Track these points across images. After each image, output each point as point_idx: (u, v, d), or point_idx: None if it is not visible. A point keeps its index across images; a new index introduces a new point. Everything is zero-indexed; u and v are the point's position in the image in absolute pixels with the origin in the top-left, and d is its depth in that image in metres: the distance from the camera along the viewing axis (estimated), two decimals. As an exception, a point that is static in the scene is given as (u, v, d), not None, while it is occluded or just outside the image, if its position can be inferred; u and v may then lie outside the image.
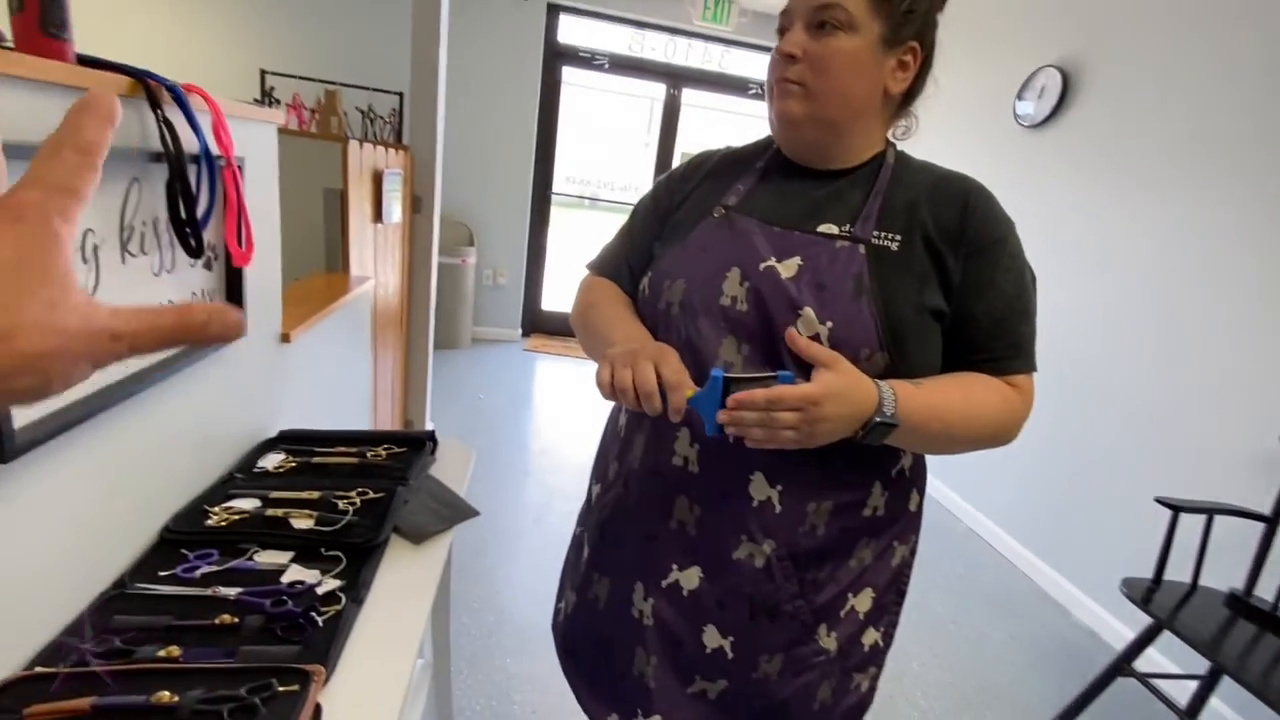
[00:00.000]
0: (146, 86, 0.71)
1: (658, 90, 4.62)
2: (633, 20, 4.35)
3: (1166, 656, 1.92)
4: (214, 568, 0.77)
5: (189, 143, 0.77)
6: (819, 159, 0.74)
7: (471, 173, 4.30)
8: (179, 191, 0.74)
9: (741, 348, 0.68)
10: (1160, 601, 1.57)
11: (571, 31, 4.39)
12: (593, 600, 0.82)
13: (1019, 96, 2.74)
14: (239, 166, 0.86)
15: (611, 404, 0.86)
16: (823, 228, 0.69)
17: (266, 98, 3.72)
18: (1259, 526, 1.63)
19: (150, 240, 0.75)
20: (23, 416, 0.57)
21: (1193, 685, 1.75)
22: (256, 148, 0.97)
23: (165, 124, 0.72)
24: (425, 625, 0.75)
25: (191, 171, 0.77)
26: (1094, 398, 2.31)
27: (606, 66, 4.48)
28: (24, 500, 0.59)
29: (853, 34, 0.66)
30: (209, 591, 0.73)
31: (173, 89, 0.74)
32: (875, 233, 0.68)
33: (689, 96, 4.62)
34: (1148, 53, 2.23)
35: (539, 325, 4.91)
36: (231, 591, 0.73)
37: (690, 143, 4.74)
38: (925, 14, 0.69)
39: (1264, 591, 1.62)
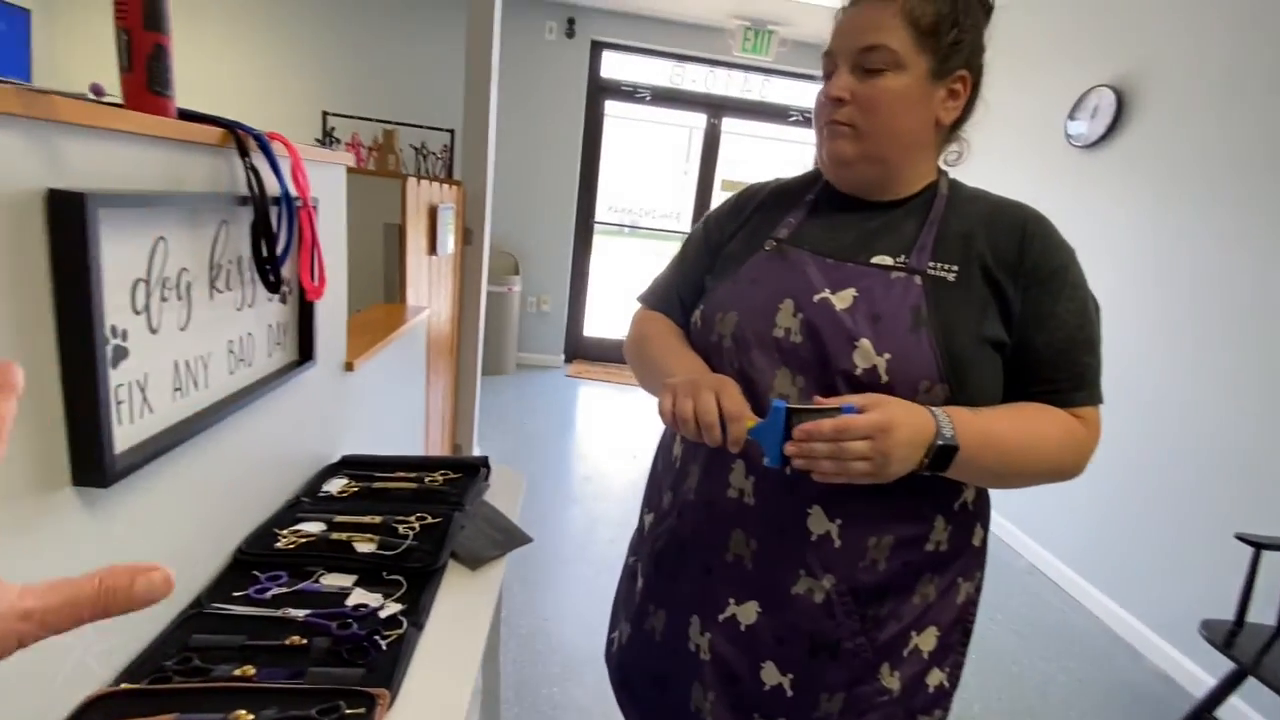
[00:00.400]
0: (236, 136, 0.76)
1: (698, 120, 4.70)
2: (673, 54, 4.45)
3: (1253, 706, 1.78)
4: (283, 589, 0.80)
5: (271, 186, 0.82)
6: (872, 193, 0.74)
7: (517, 204, 4.43)
8: (261, 232, 0.80)
9: (796, 379, 0.68)
10: (1243, 645, 1.47)
11: (614, 66, 4.51)
12: (649, 632, 0.81)
13: (1071, 117, 2.68)
14: (314, 206, 0.91)
15: (662, 432, 0.87)
16: (876, 259, 0.69)
17: (328, 137, 3.94)
18: (1355, 567, 1.52)
19: (235, 277, 0.80)
20: (121, 443, 0.62)
21: (1286, 739, 1.62)
22: (328, 188, 1.03)
23: (252, 170, 0.77)
24: (483, 649, 0.77)
25: (273, 213, 0.82)
26: (1164, 427, 2.20)
27: (648, 99, 4.58)
28: (120, 522, 0.63)
29: (900, 72, 0.66)
30: (279, 612, 0.76)
31: (258, 137, 0.80)
32: (931, 263, 0.67)
33: (729, 125, 4.68)
34: (1206, 70, 2.16)
35: (581, 351, 4.97)
36: (300, 613, 0.76)
37: (730, 170, 4.79)
38: (973, 41, 0.69)
39: (1364, 638, 1.50)
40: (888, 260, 0.68)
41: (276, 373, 0.91)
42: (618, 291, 5.36)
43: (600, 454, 3.33)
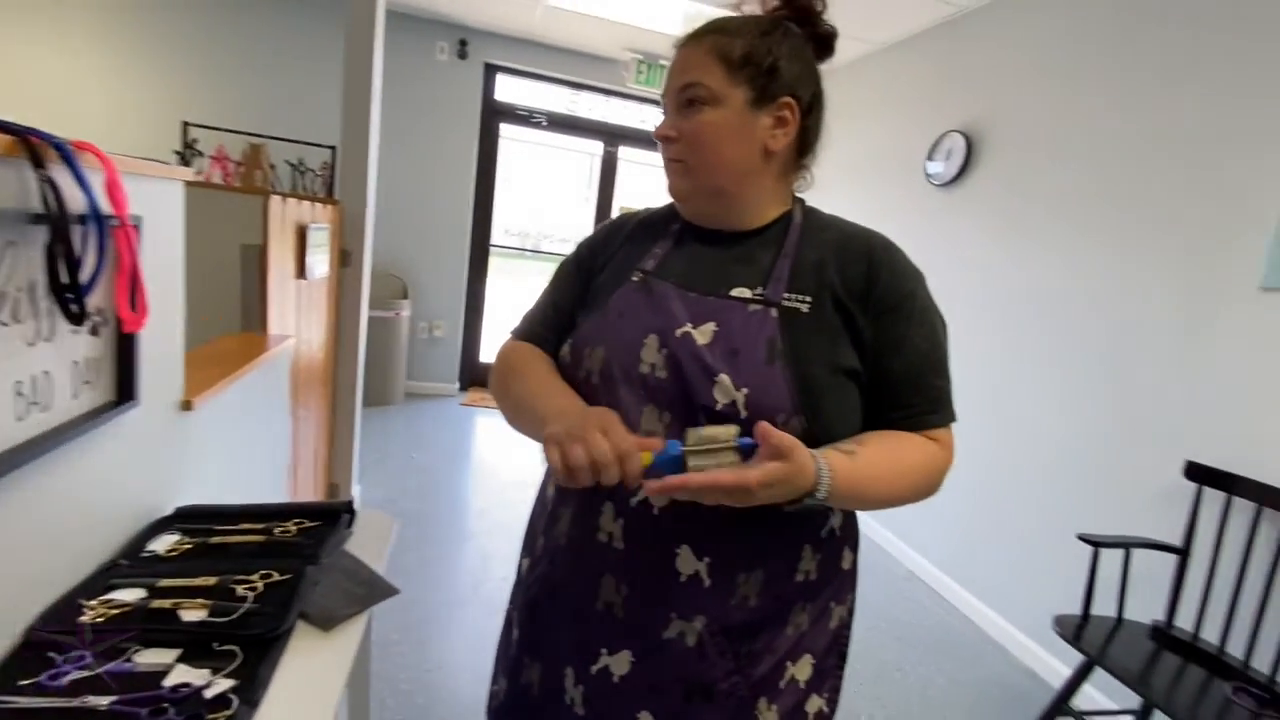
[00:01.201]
0: (29, 145, 0.66)
1: (596, 147, 4.75)
2: (569, 81, 4.49)
3: (1103, 692, 1.96)
4: (85, 673, 0.68)
5: (77, 202, 0.71)
6: (724, 223, 0.75)
7: (406, 226, 4.25)
8: (60, 255, 0.69)
9: (663, 415, 0.67)
10: (1090, 638, 1.62)
11: (509, 90, 4.48)
12: (525, 686, 0.76)
13: (929, 157, 2.94)
14: (135, 226, 0.80)
15: (542, 474, 0.83)
16: (735, 291, 0.69)
17: (188, 149, 3.60)
18: (1174, 558, 1.72)
19: (26, 307, 0.69)
20: None
21: (1127, 720, 1.79)
22: (159, 206, 0.92)
23: (47, 183, 0.67)
24: (332, 725, 0.68)
25: (77, 233, 0.71)
26: (1017, 439, 2.42)
27: (545, 124, 4.57)
28: None
29: (717, 106, 0.68)
30: (77, 702, 0.64)
31: (59, 146, 0.69)
32: (786, 295, 0.68)
33: (626, 153, 4.76)
34: (1038, 118, 2.45)
35: (478, 378, 4.80)
36: (104, 701, 0.64)
37: (629, 198, 4.87)
38: (791, 69, 0.70)
39: (1183, 621, 1.69)
40: (746, 293, 0.69)
41: (85, 416, 0.79)
42: (518, 316, 5.24)
43: (496, 486, 3.20)
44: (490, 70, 4.35)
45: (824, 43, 0.75)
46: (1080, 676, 1.66)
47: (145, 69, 3.69)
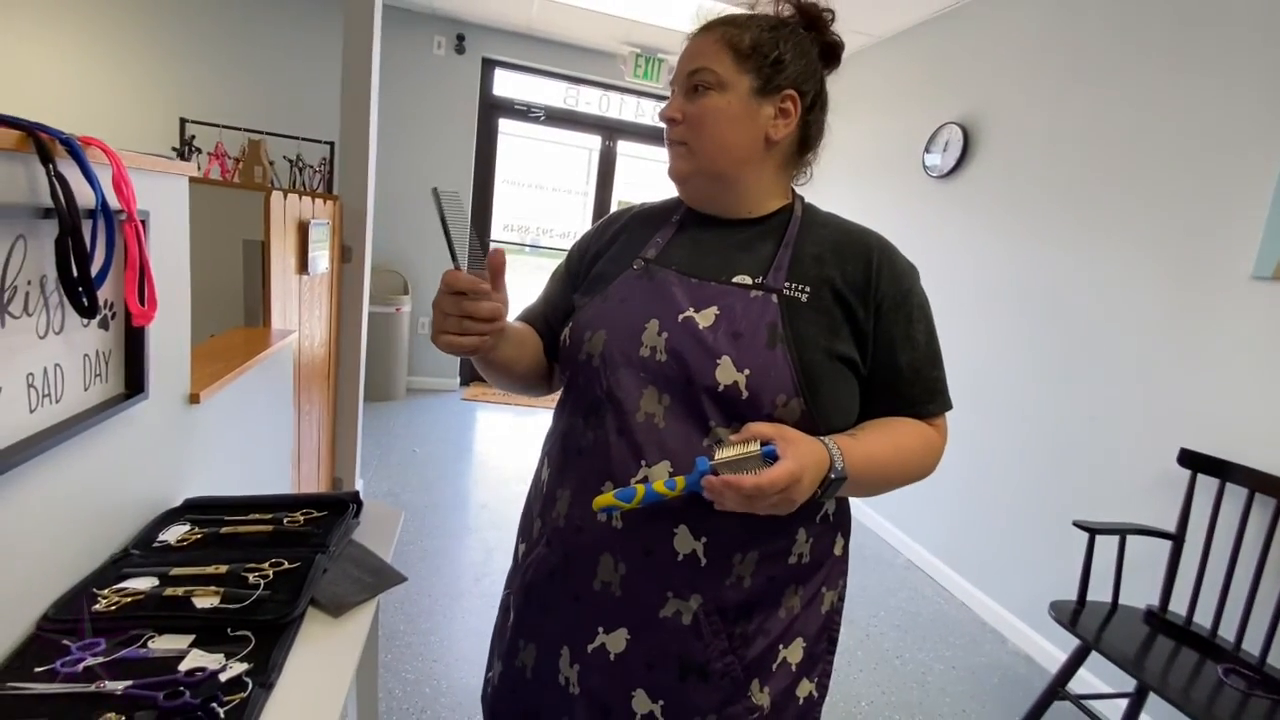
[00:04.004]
0: (37, 140, 0.67)
1: (594, 141, 4.75)
2: (567, 75, 4.48)
3: (1098, 676, 1.98)
4: (100, 659, 0.70)
5: (85, 197, 0.72)
6: (723, 209, 0.77)
7: (405, 221, 4.26)
8: (70, 248, 0.70)
9: (662, 398, 0.68)
10: (1086, 623, 1.64)
11: (507, 85, 4.48)
12: (520, 669, 0.78)
13: (927, 149, 2.95)
14: (142, 221, 0.82)
15: (539, 460, 0.85)
16: (737, 278, 0.71)
17: (186, 147, 3.60)
18: (1168, 544, 1.74)
19: (36, 300, 0.70)
20: None
21: (1123, 703, 1.81)
22: (164, 201, 0.93)
23: (57, 178, 0.68)
24: (343, 706, 0.70)
25: (87, 227, 0.72)
26: (1013, 428, 2.43)
27: (543, 119, 4.57)
28: None
29: (723, 91, 0.71)
30: (93, 687, 0.66)
31: (67, 141, 0.70)
32: (786, 284, 0.70)
33: (624, 148, 4.76)
34: (1035, 110, 2.45)
35: (478, 373, 4.81)
36: (119, 685, 0.66)
37: (628, 191, 4.87)
38: (797, 63, 0.73)
39: (1177, 606, 1.71)
40: (747, 280, 0.71)
41: (95, 408, 0.80)
42: (518, 310, 5.23)
43: (498, 480, 3.22)
44: (488, 65, 4.35)
45: (830, 52, 0.78)
46: (1076, 661, 1.68)
47: (142, 65, 3.68)
